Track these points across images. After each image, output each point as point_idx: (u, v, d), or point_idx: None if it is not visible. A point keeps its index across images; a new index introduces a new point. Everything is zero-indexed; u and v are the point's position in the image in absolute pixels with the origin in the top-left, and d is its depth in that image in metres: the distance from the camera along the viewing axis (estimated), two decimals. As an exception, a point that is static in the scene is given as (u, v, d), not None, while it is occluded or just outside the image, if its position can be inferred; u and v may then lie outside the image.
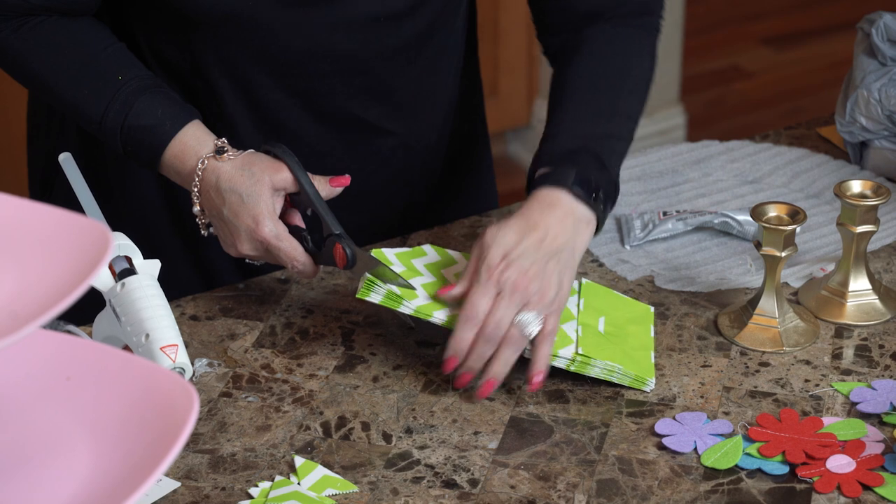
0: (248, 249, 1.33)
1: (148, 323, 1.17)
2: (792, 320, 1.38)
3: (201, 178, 1.32)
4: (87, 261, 0.79)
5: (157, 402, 0.86)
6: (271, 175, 1.31)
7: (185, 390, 0.87)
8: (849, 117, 1.60)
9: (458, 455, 1.24)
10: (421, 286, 1.32)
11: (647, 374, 1.31)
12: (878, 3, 3.82)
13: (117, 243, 1.21)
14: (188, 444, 1.25)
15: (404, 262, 1.35)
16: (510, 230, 1.28)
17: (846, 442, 1.24)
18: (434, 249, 1.37)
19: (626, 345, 1.34)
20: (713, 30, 3.91)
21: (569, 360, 1.30)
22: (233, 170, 1.31)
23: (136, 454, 0.83)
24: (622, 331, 1.36)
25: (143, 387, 0.87)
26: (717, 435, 1.26)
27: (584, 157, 1.32)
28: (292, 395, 1.32)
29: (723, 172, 1.65)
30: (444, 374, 1.33)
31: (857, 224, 1.38)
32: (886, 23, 1.61)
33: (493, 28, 3.26)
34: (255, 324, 1.41)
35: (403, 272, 1.32)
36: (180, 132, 1.33)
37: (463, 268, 1.34)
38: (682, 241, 1.53)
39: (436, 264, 1.36)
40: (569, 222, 1.31)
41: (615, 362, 1.30)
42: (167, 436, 0.84)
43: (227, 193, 1.31)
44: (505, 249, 1.27)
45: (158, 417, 0.85)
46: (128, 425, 0.85)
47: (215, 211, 1.32)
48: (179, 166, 1.33)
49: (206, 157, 1.32)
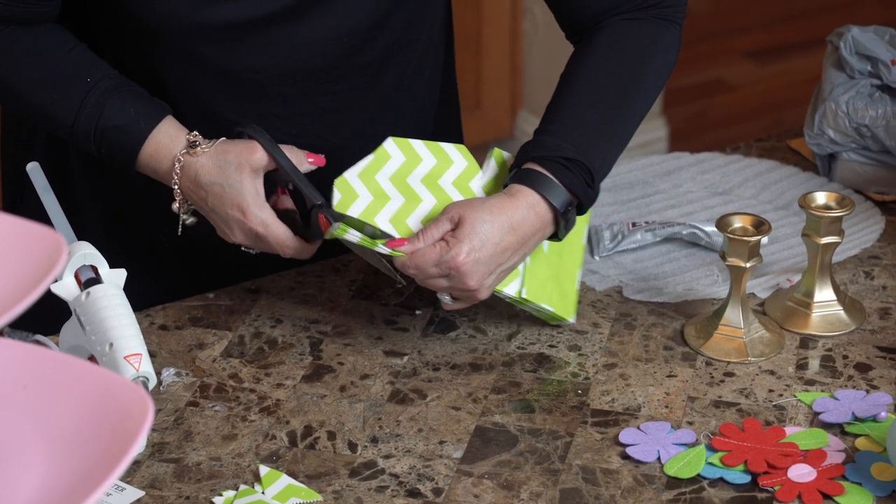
0: (241, 239, 1.34)
1: (112, 332, 1.18)
2: (757, 331, 1.39)
3: (180, 176, 1.33)
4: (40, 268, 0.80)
5: (112, 410, 0.87)
6: (247, 158, 1.31)
7: (141, 398, 0.87)
8: (817, 129, 1.61)
9: (422, 464, 1.25)
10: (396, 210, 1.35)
11: (569, 311, 1.40)
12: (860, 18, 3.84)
13: (83, 252, 1.22)
14: (153, 453, 1.26)
15: (370, 186, 1.35)
16: (492, 225, 1.30)
17: (808, 451, 1.25)
18: (398, 146, 1.37)
19: (562, 268, 1.41)
20: (696, 43, 3.93)
21: (510, 297, 1.37)
22: (209, 162, 1.32)
23: (89, 462, 0.84)
24: (560, 247, 1.41)
25: (99, 395, 0.88)
26: (680, 444, 1.26)
27: (576, 170, 1.34)
28: (259, 404, 1.32)
29: (693, 184, 1.66)
30: (412, 384, 1.34)
31: (821, 235, 1.39)
32: (854, 36, 1.63)
33: (476, 41, 3.28)
34: (224, 333, 1.42)
35: (372, 202, 1.34)
36: (154, 130, 1.34)
37: (428, 169, 1.36)
38: (651, 252, 1.54)
39: (401, 172, 1.37)
40: (538, 237, 1.35)
41: (550, 305, 1.38)
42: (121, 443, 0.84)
43: (208, 186, 1.32)
44: (476, 245, 1.29)
45: (113, 425, 0.86)
46: (82, 433, 0.86)
47: (202, 204, 1.34)
48: (156, 165, 1.35)
49: (181, 155, 1.33)
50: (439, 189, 1.37)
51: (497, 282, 1.33)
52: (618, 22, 1.41)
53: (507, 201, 1.32)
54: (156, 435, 1.28)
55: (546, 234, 1.35)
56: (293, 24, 1.36)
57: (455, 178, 1.38)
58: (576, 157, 1.33)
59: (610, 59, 1.39)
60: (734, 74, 3.83)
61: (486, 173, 1.40)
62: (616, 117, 1.38)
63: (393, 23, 1.40)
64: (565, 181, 1.33)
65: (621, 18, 1.41)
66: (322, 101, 1.43)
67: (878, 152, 1.60)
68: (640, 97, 1.40)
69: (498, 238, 1.30)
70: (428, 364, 1.38)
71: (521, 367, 1.37)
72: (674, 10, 1.43)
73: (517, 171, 1.34)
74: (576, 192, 1.34)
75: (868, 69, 1.62)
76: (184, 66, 1.38)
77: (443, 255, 1.29)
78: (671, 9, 1.43)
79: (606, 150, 1.37)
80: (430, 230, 1.31)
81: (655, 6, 1.42)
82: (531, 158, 1.34)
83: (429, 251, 1.29)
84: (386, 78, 1.44)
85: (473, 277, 1.30)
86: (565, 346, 1.40)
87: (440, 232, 1.31)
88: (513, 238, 1.31)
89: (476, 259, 1.29)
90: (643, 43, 1.41)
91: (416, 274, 1.31)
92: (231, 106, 1.40)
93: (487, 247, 1.30)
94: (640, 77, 1.40)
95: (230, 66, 1.38)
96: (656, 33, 1.42)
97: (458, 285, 1.31)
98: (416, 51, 1.46)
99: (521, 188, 1.33)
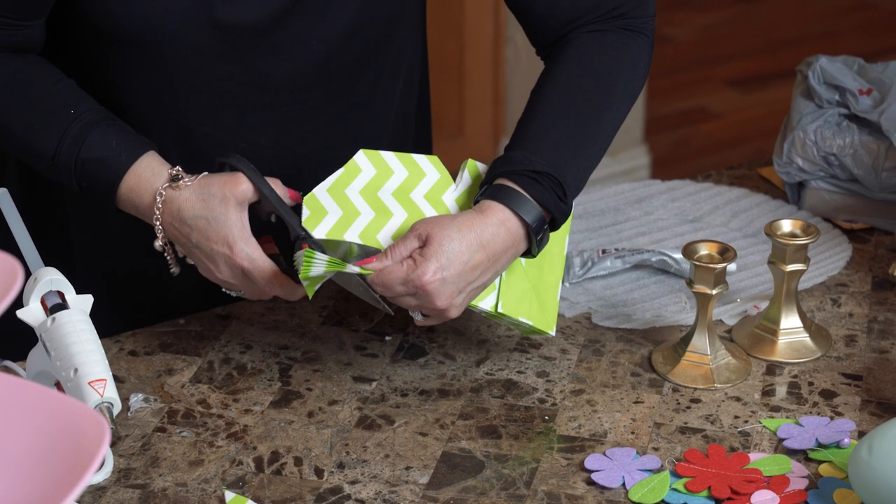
0: (227, 276, 1.30)
1: (77, 357, 1.18)
2: (724, 357, 1.40)
3: (162, 211, 1.30)
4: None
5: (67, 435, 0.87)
6: (231, 190, 1.29)
7: (97, 422, 0.88)
8: (786, 158, 1.63)
9: (388, 490, 1.26)
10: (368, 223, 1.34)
11: (549, 324, 1.38)
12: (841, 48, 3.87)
13: (49, 278, 1.22)
14: (119, 479, 1.26)
15: (339, 201, 1.33)
16: (461, 244, 1.28)
17: (771, 477, 1.25)
18: (368, 159, 1.36)
19: (542, 281, 1.39)
20: (679, 72, 3.95)
21: (486, 311, 1.36)
22: (192, 196, 1.29)
23: (44, 486, 0.84)
24: (540, 260, 1.39)
25: (55, 419, 0.88)
26: (645, 470, 1.27)
27: (547, 184, 1.32)
28: (227, 430, 1.33)
29: (664, 211, 1.67)
30: (379, 410, 1.35)
31: (787, 263, 1.40)
32: (823, 66, 1.64)
33: (458, 68, 3.29)
34: (194, 359, 1.42)
35: (341, 218, 1.32)
36: (135, 164, 1.31)
37: (400, 182, 1.35)
38: (621, 279, 1.55)
39: (372, 185, 1.35)
40: (510, 254, 1.32)
41: (529, 318, 1.36)
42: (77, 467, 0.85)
43: (192, 220, 1.29)
44: (443, 264, 1.27)
45: (69, 449, 0.86)
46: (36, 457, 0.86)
47: (184, 241, 1.30)
48: (136, 200, 1.32)
49: (163, 189, 1.30)
50: (411, 203, 1.36)
51: (468, 300, 1.32)
52: (584, 35, 1.41)
53: (476, 218, 1.30)
54: (122, 461, 1.28)
55: (519, 251, 1.33)
56: (263, 33, 1.36)
57: (427, 190, 1.37)
58: (546, 170, 1.32)
59: (576, 72, 1.39)
60: (717, 102, 3.85)
61: (460, 186, 1.38)
62: (585, 130, 1.37)
63: (363, 32, 1.40)
64: (536, 195, 1.32)
65: (588, 30, 1.41)
66: (291, 111, 1.41)
67: (846, 181, 1.62)
68: (609, 109, 1.39)
69: (467, 257, 1.29)
70: (396, 390, 1.38)
71: (489, 392, 1.38)
72: (641, 21, 1.43)
73: (487, 187, 1.33)
74: (547, 206, 1.32)
75: (836, 99, 1.64)
76: (149, 76, 1.37)
77: (409, 273, 1.27)
78: (638, 20, 1.43)
79: (578, 164, 1.36)
80: (397, 247, 1.29)
81: (621, 17, 1.42)
82: (501, 174, 1.33)
83: (395, 269, 1.28)
84: (357, 87, 1.44)
85: (441, 297, 1.28)
86: (533, 373, 1.41)
87: (408, 249, 1.29)
88: (483, 256, 1.29)
89: (443, 278, 1.28)
90: (609, 54, 1.40)
91: (383, 292, 1.30)
92: (199, 116, 1.39)
93: (455, 265, 1.28)
94: (607, 89, 1.39)
95: (198, 75, 1.36)
96: (623, 44, 1.41)
97: (426, 304, 1.29)
98: (387, 62, 1.45)
99: (491, 204, 1.31)
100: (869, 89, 1.63)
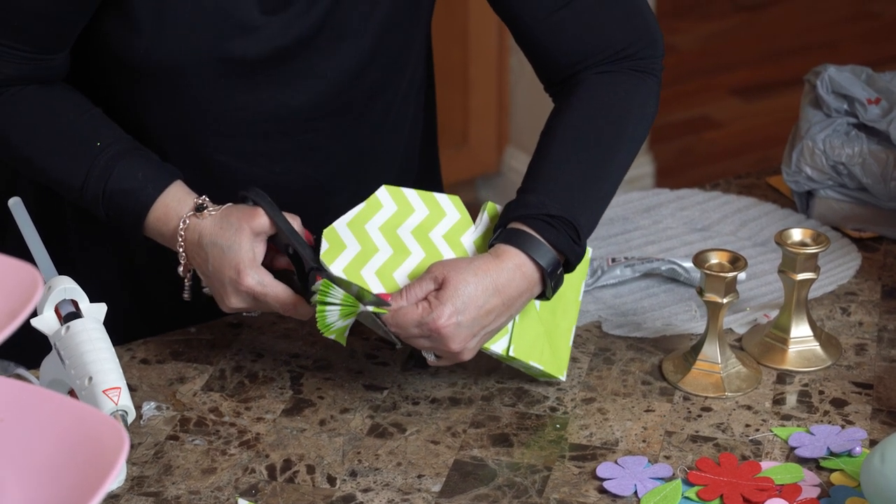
0: (236, 302, 1.32)
1: (91, 366, 1.19)
2: (734, 366, 1.40)
3: (184, 237, 1.33)
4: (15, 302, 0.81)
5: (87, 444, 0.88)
6: (248, 222, 1.31)
7: (116, 431, 0.88)
8: (795, 167, 1.63)
9: (400, 498, 1.26)
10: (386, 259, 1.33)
11: (560, 370, 1.38)
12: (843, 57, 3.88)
13: (63, 287, 1.23)
14: (133, 487, 1.26)
15: (359, 236, 1.33)
16: (477, 288, 1.28)
17: (783, 486, 1.26)
18: (390, 195, 1.36)
19: (555, 325, 1.38)
20: (683, 80, 3.96)
21: (498, 354, 1.36)
22: (212, 225, 1.32)
23: (64, 495, 0.85)
24: (554, 304, 1.38)
25: (75, 428, 0.88)
26: (657, 479, 1.27)
27: (562, 227, 1.33)
28: (239, 438, 1.33)
29: (672, 220, 1.67)
30: (391, 418, 1.35)
31: (797, 272, 1.41)
32: (831, 75, 1.65)
33: (462, 77, 3.30)
34: (205, 367, 1.43)
35: (359, 253, 1.32)
36: (162, 194, 1.34)
37: (420, 220, 1.35)
38: (631, 288, 1.55)
39: (392, 222, 1.35)
40: (525, 298, 1.33)
41: (539, 363, 1.36)
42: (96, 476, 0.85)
43: (209, 248, 1.31)
44: (459, 308, 1.28)
45: (88, 458, 0.87)
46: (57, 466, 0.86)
47: (202, 268, 1.33)
48: (163, 228, 1.34)
49: (188, 217, 1.33)
50: (429, 242, 1.35)
51: (482, 343, 1.32)
52: (593, 76, 1.41)
53: (492, 263, 1.30)
54: (135, 469, 1.28)
55: (534, 294, 1.33)
56: (276, 66, 1.37)
57: (446, 231, 1.36)
58: (560, 214, 1.32)
59: (586, 114, 1.39)
60: (721, 111, 3.86)
61: (479, 228, 1.38)
62: (598, 172, 1.38)
63: (377, 62, 1.41)
64: (551, 239, 1.32)
65: (596, 72, 1.41)
66: (306, 139, 1.43)
67: (854, 189, 1.62)
68: (620, 150, 1.40)
69: (482, 301, 1.29)
70: (408, 398, 1.39)
71: (501, 401, 1.38)
72: (650, 61, 1.43)
73: (501, 230, 1.33)
74: (562, 249, 1.32)
75: (845, 108, 1.64)
76: (167, 104, 1.39)
77: (424, 316, 1.28)
78: (646, 61, 1.43)
79: (591, 206, 1.37)
80: (413, 289, 1.29)
81: (629, 58, 1.42)
82: (515, 218, 1.33)
83: (410, 311, 1.28)
84: (370, 117, 1.46)
85: (455, 341, 1.29)
86: (544, 381, 1.41)
87: (423, 291, 1.29)
88: (498, 300, 1.30)
89: (458, 322, 1.28)
90: (619, 96, 1.41)
91: (398, 332, 1.30)
92: (215, 144, 1.41)
93: (470, 310, 1.28)
94: (618, 131, 1.40)
95: (214, 105, 1.39)
96: (632, 86, 1.41)
97: (440, 346, 1.29)
98: (399, 90, 1.47)
99: (506, 248, 1.32)
100: (877, 98, 1.63)
